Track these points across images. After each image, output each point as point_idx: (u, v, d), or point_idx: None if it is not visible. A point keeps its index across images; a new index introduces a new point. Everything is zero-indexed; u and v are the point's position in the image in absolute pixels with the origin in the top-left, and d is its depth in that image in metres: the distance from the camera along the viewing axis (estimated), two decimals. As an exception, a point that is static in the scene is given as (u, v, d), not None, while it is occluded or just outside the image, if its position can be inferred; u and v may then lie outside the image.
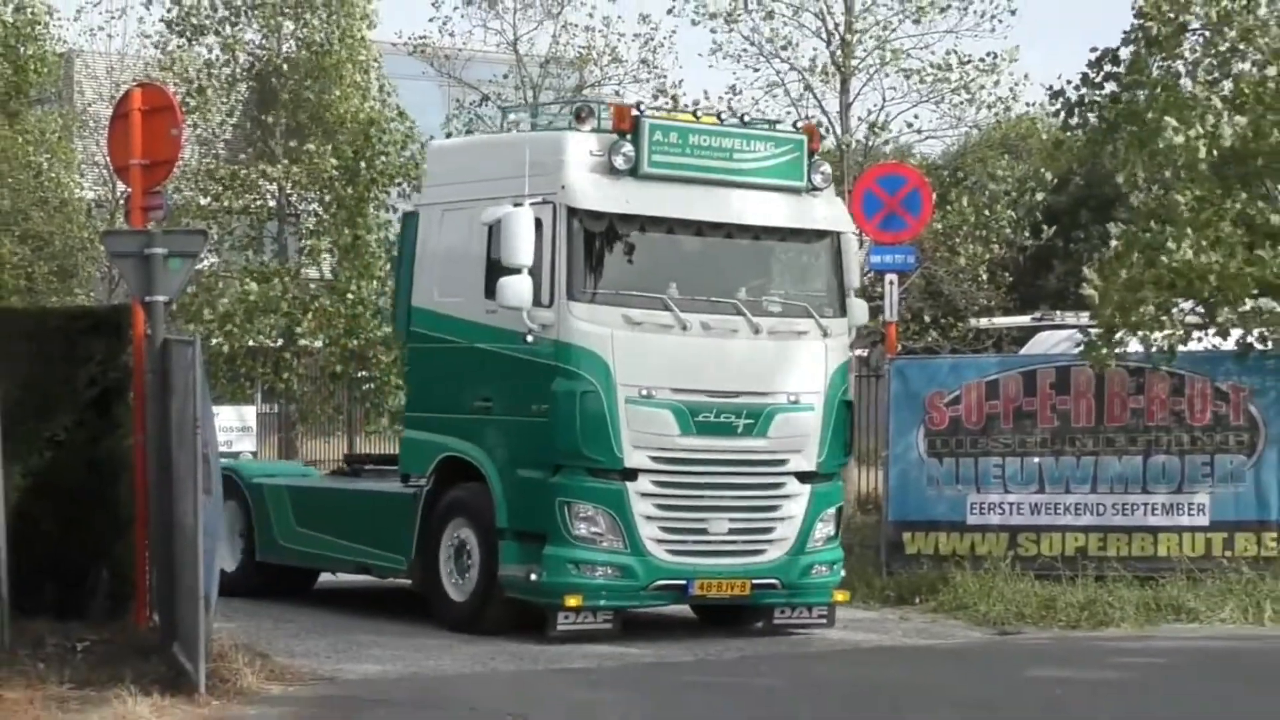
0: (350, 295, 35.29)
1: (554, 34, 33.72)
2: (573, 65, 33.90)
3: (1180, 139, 19.86)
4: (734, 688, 15.84)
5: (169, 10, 36.32)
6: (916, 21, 28.55)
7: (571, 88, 34.20)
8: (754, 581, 17.62)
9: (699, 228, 17.79)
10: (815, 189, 18.22)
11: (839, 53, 28.73)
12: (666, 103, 31.21)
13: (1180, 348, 21.01)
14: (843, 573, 18.70)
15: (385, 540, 18.69)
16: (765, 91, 29.17)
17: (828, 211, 18.43)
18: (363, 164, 35.10)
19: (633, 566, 17.00)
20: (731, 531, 17.48)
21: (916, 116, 31.49)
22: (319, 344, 36.68)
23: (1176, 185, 20.94)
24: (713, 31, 29.44)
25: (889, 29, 28.93)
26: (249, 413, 36.87)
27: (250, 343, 35.89)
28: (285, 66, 35.92)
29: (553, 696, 14.85)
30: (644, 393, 17.00)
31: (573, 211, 16.95)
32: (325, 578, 21.15)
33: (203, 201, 35.70)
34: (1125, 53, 21.47)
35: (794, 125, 18.72)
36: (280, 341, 36.49)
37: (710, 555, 17.46)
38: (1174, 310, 21.09)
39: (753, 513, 17.69)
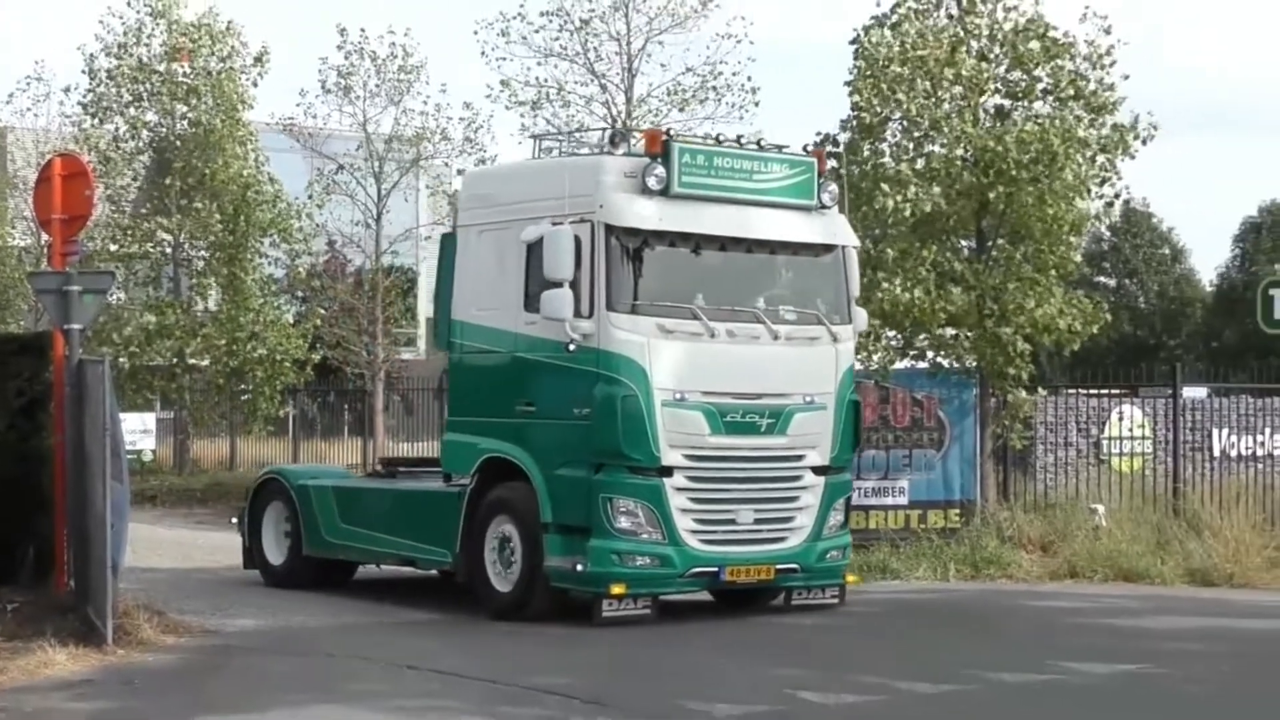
0: (230, 324, 35.54)
1: (395, 117, 33.61)
2: (410, 142, 33.78)
3: (890, 203, 20.56)
4: (536, 634, 15.29)
5: (84, 96, 36.38)
6: (681, 109, 28.80)
7: (410, 159, 34.03)
8: (777, 567, 16.07)
9: (723, 243, 16.25)
10: (824, 207, 16.80)
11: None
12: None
13: (890, 366, 21.61)
14: (851, 556, 17.36)
15: (430, 535, 16.93)
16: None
17: (836, 228, 16.88)
18: (241, 219, 35.61)
19: (670, 556, 15.49)
20: (757, 521, 16.01)
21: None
22: (205, 362, 36.73)
23: (886, 239, 21.55)
24: (521, 116, 29.47)
25: (660, 115, 29.03)
26: (149, 418, 37.29)
27: (149, 362, 35.86)
28: (178, 141, 36.15)
29: (394, 643, 14.85)
30: (677, 396, 15.53)
31: (610, 229, 15.46)
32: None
33: (112, 248, 35.66)
34: (843, 136, 21.96)
35: (804, 149, 17.51)
36: (174, 360, 36.44)
37: (738, 544, 15.93)
38: (884, 338, 21.72)
39: (775, 504, 16.15)
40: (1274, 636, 15.49)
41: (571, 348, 15.33)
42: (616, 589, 15.22)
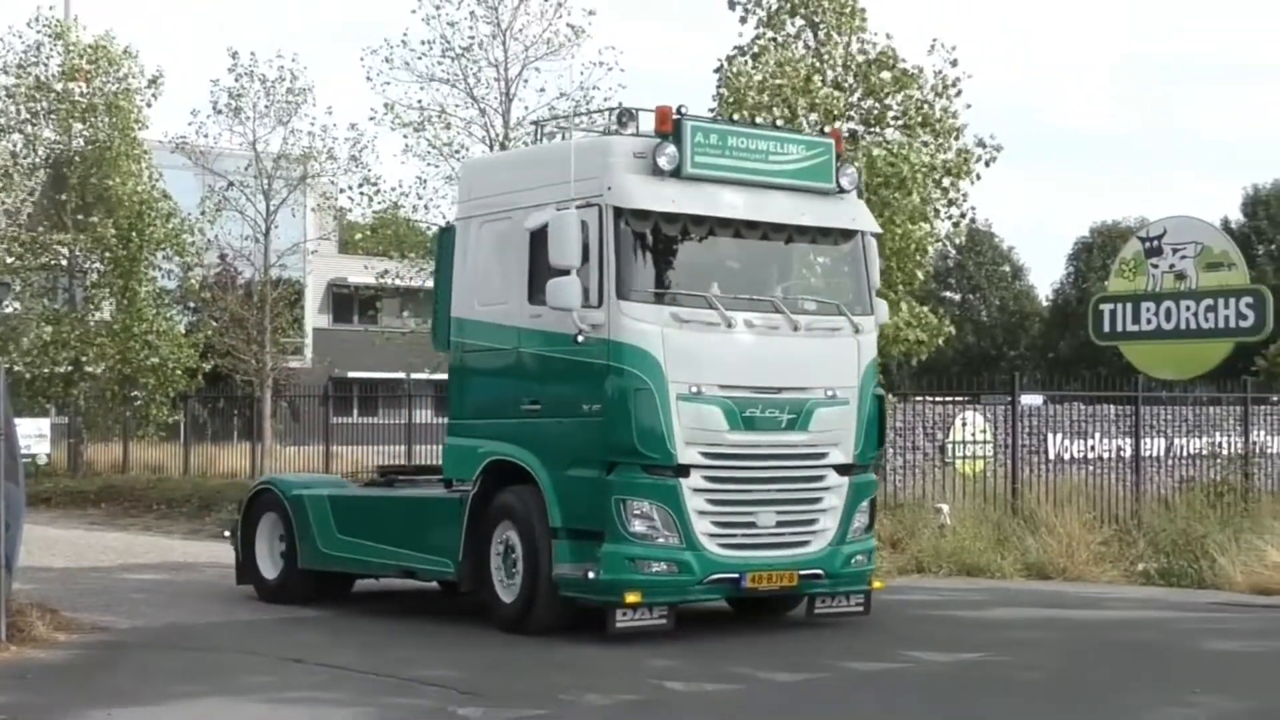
0: (124, 334, 35.21)
1: (284, 137, 33.40)
2: (298, 160, 33.56)
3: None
4: (426, 631, 15.18)
5: (-21, 111, 35.72)
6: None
7: (298, 177, 33.78)
8: (801, 573, 14.30)
9: (737, 228, 14.50)
10: (843, 191, 15.01)
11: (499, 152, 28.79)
12: (367, 192, 30.98)
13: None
14: (877, 561, 15.48)
15: (431, 545, 15.20)
16: (446, 181, 29.02)
17: (855, 212, 15.14)
18: (135, 233, 35.09)
19: (689, 561, 13.73)
20: (779, 524, 14.22)
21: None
22: (99, 370, 36.26)
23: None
24: (405, 137, 29.33)
25: (535, 138, 29.01)
26: (44, 424, 36.63)
27: (46, 370, 35.33)
28: (75, 158, 35.70)
29: (282, 638, 14.70)
30: (694, 389, 13.73)
31: (619, 212, 13.74)
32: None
33: (8, 260, 35.10)
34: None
35: (820, 131, 15.85)
36: (69, 369, 35.91)
37: (760, 548, 14.14)
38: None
39: (798, 505, 14.38)
40: (1102, 625, 15.73)
41: (580, 339, 13.71)
42: (631, 597, 13.52)
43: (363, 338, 45.19)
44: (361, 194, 31.17)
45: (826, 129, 15.42)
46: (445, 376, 16.61)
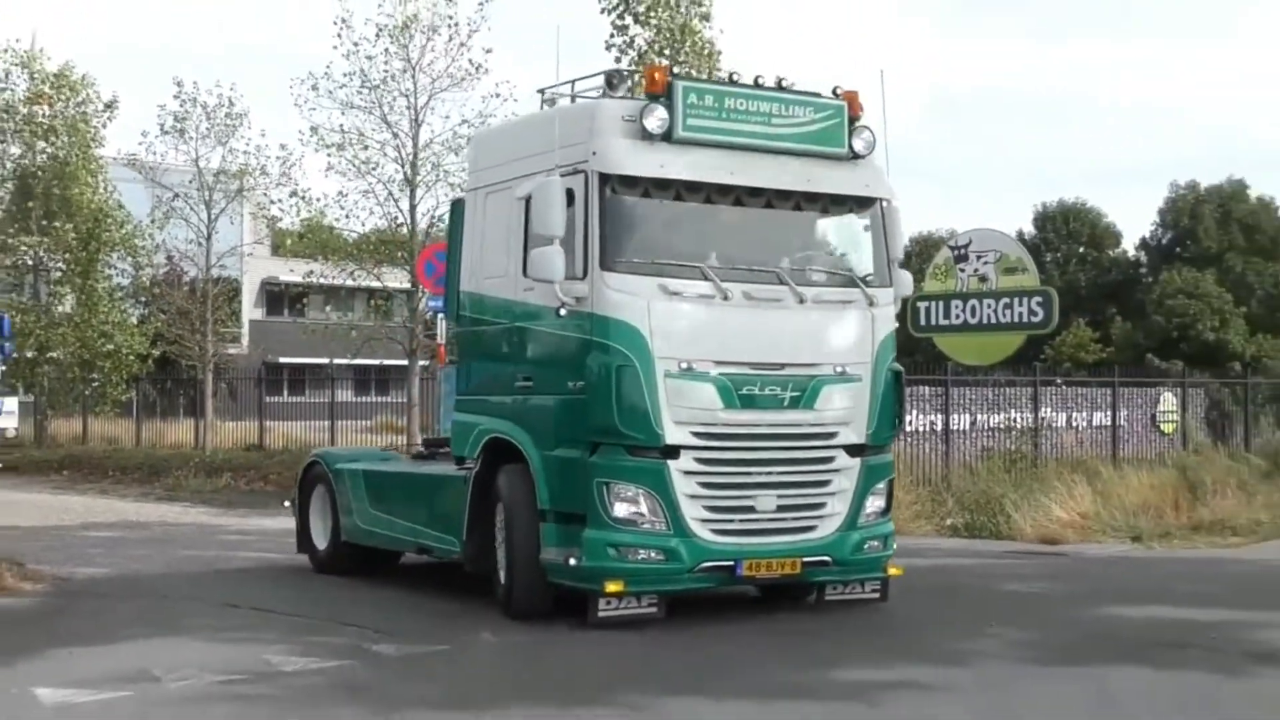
0: (84, 324, 35.20)
1: (223, 155, 32.97)
2: (235, 175, 33.18)
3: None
4: (350, 583, 14.68)
5: (-47, 129, 35.18)
6: (457, 154, 28.60)
7: (235, 190, 33.42)
8: (805, 559, 11.76)
9: (738, 195, 11.90)
10: (857, 156, 12.42)
11: (409, 170, 28.67)
12: (296, 203, 30.69)
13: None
14: (895, 546, 12.58)
15: (441, 522, 13.21)
16: (363, 195, 28.86)
17: (870, 178, 12.48)
18: (93, 238, 35.02)
19: (676, 548, 11.31)
20: (780, 509, 11.70)
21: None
22: (61, 355, 36.06)
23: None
24: (328, 156, 29.09)
25: (442, 158, 28.93)
26: (12, 401, 36.05)
27: (14, 355, 34.85)
28: (39, 171, 35.27)
29: (221, 586, 14.52)
30: (684, 365, 11.32)
31: (605, 178, 11.36)
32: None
33: (-21, 260, 34.66)
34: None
35: (834, 92, 12.42)
36: (34, 354, 35.68)
37: (759, 534, 11.66)
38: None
39: (802, 489, 11.84)
40: (917, 571, 15.81)
41: (562, 312, 11.45)
42: (612, 586, 11.25)
43: (292, 328, 44.76)
44: (291, 205, 31.02)
45: (839, 90, 12.37)
46: (362, 362, 15.94)
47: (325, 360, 34.68)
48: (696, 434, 11.42)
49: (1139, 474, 21.65)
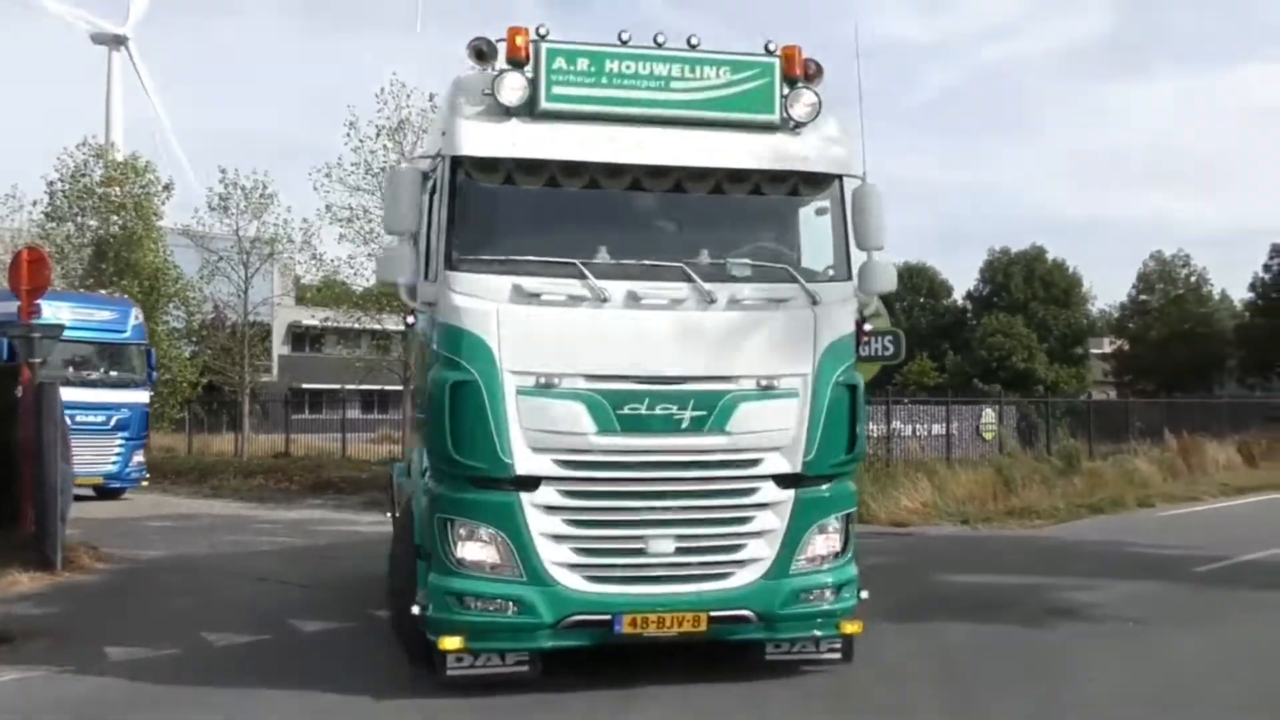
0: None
1: (257, 226, 32.79)
2: (267, 242, 33.04)
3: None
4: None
5: (46, 208, 34.73)
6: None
7: (267, 254, 33.20)
8: (714, 614, 7.71)
9: (635, 177, 7.82)
10: (797, 124, 7.99)
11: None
12: (315, 264, 30.39)
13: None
14: (859, 597, 8.27)
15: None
16: (367, 258, 28.57)
17: (814, 150, 8.05)
18: (154, 291, 34.89)
19: (530, 600, 7.52)
20: (680, 551, 7.71)
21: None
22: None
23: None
24: (340, 228, 28.83)
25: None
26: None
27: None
28: (111, 239, 34.89)
29: (249, 563, 14.31)
30: (542, 381, 7.48)
31: (457, 162, 7.64)
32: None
33: (64, 310, 34.18)
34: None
35: (765, 48, 7.99)
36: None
37: (649, 581, 7.70)
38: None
39: (710, 527, 7.76)
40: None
41: (410, 320, 8.30)
42: (448, 643, 7.50)
43: (313, 361, 44.47)
44: (311, 265, 31.10)
45: (773, 47, 7.99)
46: (367, 387, 15.65)
47: (338, 386, 34.53)
48: (561, 462, 7.50)
49: (967, 472, 21.84)
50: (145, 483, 24.46)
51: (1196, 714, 7.95)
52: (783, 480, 7.85)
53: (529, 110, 7.64)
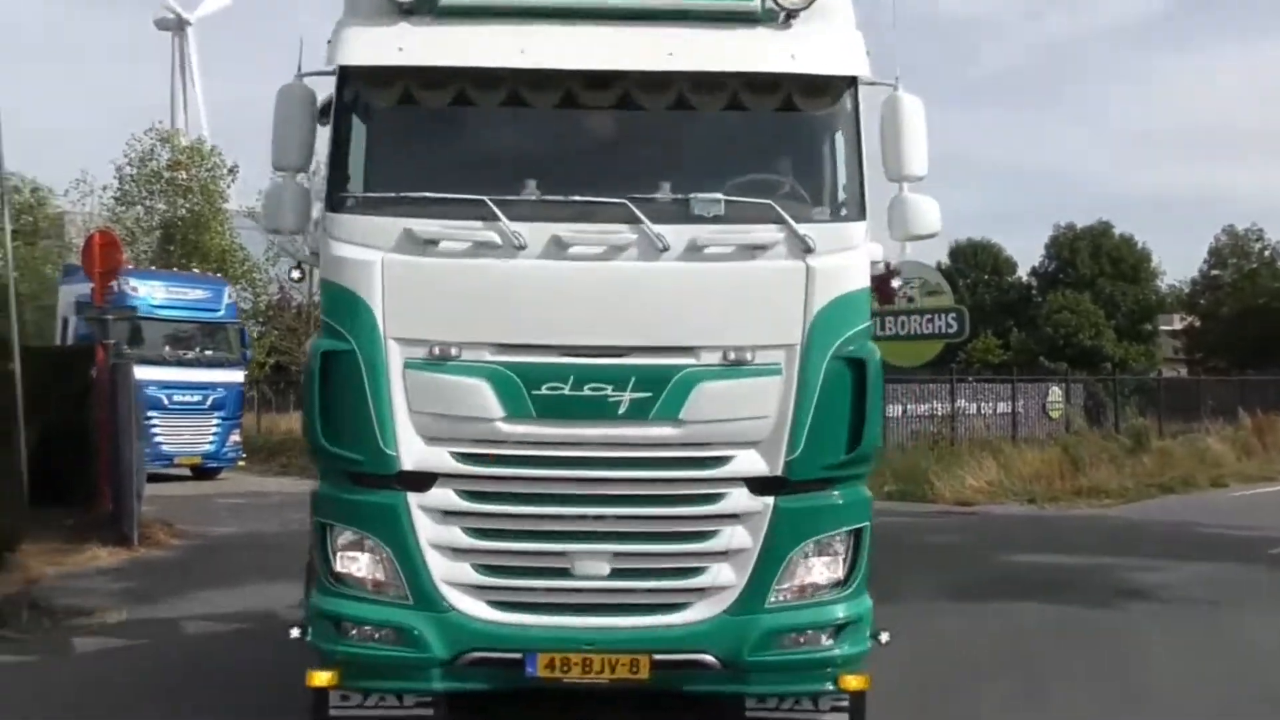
0: None
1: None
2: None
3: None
4: None
5: (116, 193, 35.54)
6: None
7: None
8: (658, 656, 5.45)
9: (570, 90, 5.46)
10: (789, 13, 5.50)
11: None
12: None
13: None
14: (873, 640, 5.97)
15: None
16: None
17: (810, 47, 5.44)
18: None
19: (417, 629, 5.48)
20: (616, 574, 5.49)
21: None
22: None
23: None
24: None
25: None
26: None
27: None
28: (179, 222, 35.50)
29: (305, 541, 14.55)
30: (436, 352, 5.38)
31: (344, 76, 5.59)
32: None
33: (136, 295, 34.96)
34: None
35: None
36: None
37: (574, 611, 5.51)
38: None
39: (655, 543, 5.51)
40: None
41: (294, 274, 6.48)
42: (319, 678, 5.72)
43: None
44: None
45: None
46: None
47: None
48: (460, 455, 5.53)
49: (1033, 451, 21.65)
50: (241, 463, 24.32)
51: (1268, 698, 7.84)
52: (758, 485, 5.58)
53: (429, 7, 5.61)
